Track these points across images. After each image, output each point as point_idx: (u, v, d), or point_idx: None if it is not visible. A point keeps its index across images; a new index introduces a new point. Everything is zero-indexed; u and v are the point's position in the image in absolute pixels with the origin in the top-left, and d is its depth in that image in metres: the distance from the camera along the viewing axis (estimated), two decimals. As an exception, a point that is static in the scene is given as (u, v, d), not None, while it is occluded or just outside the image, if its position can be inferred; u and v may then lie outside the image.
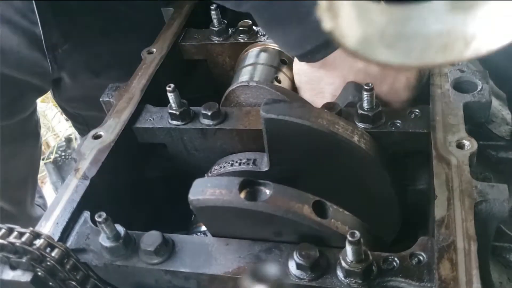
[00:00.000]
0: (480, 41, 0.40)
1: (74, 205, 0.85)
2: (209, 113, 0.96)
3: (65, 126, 3.28)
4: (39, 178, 1.98)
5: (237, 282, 0.75)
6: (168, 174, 1.11)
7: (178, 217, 1.07)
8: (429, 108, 0.90)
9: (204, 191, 0.73)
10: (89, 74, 1.57)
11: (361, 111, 0.89)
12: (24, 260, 0.75)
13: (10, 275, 0.76)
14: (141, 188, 1.08)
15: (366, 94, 0.87)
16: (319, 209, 0.73)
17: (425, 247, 0.72)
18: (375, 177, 0.88)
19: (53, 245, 0.76)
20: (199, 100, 1.03)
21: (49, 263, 0.74)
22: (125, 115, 1.01)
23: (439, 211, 0.74)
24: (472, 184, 0.76)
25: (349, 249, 0.68)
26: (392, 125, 0.89)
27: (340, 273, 0.71)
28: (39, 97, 1.66)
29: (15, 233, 0.76)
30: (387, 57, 0.41)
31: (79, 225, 0.84)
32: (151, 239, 0.77)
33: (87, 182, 0.88)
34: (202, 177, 0.81)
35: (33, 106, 1.65)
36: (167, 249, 0.78)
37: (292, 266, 0.73)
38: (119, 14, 1.53)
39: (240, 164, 0.96)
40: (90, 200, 0.87)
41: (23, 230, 0.76)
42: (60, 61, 1.49)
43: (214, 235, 0.81)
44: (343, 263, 0.69)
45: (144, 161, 1.09)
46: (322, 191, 0.76)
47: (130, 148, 1.01)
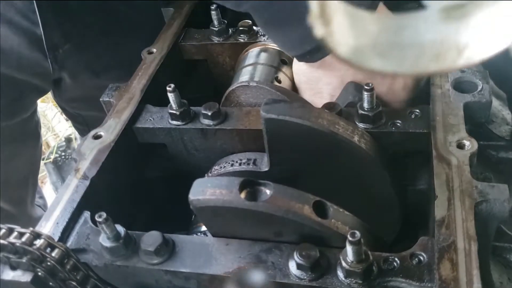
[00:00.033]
0: (472, 49, 0.40)
1: (74, 205, 0.85)
2: (209, 113, 0.96)
3: (65, 126, 3.28)
4: (39, 178, 1.98)
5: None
6: (168, 174, 1.11)
7: (178, 217, 1.07)
8: (429, 108, 0.90)
9: (205, 191, 0.73)
10: (89, 74, 1.57)
11: (362, 111, 0.89)
12: (24, 260, 0.75)
13: (10, 275, 0.76)
14: (141, 188, 1.08)
15: (366, 94, 0.87)
16: (320, 209, 0.73)
17: (425, 247, 0.72)
18: (375, 177, 0.88)
19: (53, 245, 0.76)
20: (199, 100, 1.03)
21: (49, 263, 0.74)
22: (125, 115, 1.01)
23: (440, 211, 0.74)
24: (472, 184, 0.76)
25: (349, 249, 0.68)
26: (392, 125, 0.89)
27: (340, 273, 0.71)
28: (39, 98, 1.66)
29: (15, 233, 0.76)
30: (380, 65, 0.41)
31: (79, 225, 0.84)
32: (151, 239, 0.77)
33: (87, 182, 0.88)
34: (202, 177, 0.81)
35: (33, 106, 1.64)
36: (167, 249, 0.78)
37: (292, 266, 0.73)
38: (120, 14, 1.53)
39: (240, 164, 0.96)
40: (90, 200, 0.87)
41: (23, 230, 0.76)
42: (60, 62, 1.49)
43: (214, 235, 0.81)
44: (344, 263, 0.69)
45: (144, 161, 1.09)
46: (323, 191, 0.76)
47: (130, 148, 1.01)
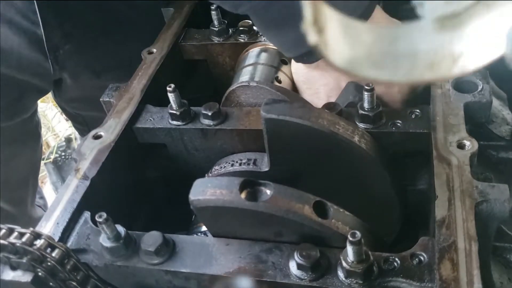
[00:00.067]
0: (467, 58, 0.40)
1: (75, 205, 0.85)
2: (210, 113, 0.96)
3: (65, 126, 3.28)
4: (39, 178, 1.98)
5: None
6: (168, 174, 1.11)
7: (179, 217, 1.07)
8: (429, 108, 0.90)
9: (205, 191, 0.73)
10: (90, 74, 1.57)
11: (362, 111, 0.89)
12: (24, 261, 0.75)
13: (10, 275, 0.76)
14: (141, 188, 1.08)
15: (366, 94, 0.87)
16: (320, 209, 0.73)
17: (426, 247, 0.72)
18: (375, 177, 0.88)
19: (53, 246, 0.76)
20: (199, 100, 1.03)
21: (49, 263, 0.74)
22: (125, 115, 1.01)
23: (440, 211, 0.74)
24: (472, 184, 0.76)
25: (350, 249, 0.68)
26: (392, 125, 0.89)
27: (340, 274, 0.71)
28: (40, 98, 1.65)
29: (15, 233, 0.76)
30: (374, 74, 0.42)
31: (80, 225, 0.84)
32: (151, 239, 0.77)
33: (87, 182, 0.88)
34: (202, 177, 0.81)
35: (34, 107, 1.64)
36: (167, 250, 0.78)
37: (292, 266, 0.72)
38: (120, 14, 1.53)
39: (240, 164, 0.96)
40: (91, 200, 0.87)
41: (23, 230, 0.76)
42: (61, 62, 1.49)
43: (215, 235, 0.81)
44: (344, 264, 0.69)
45: (144, 161, 1.09)
46: (323, 191, 0.76)
47: (130, 148, 1.01)
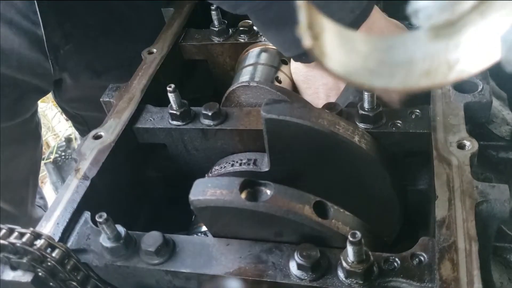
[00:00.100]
0: (463, 64, 0.40)
1: (75, 205, 0.85)
2: (210, 113, 0.96)
3: (65, 126, 3.28)
4: (39, 178, 1.98)
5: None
6: (168, 174, 1.11)
7: (179, 217, 1.07)
8: (429, 108, 0.90)
9: (205, 191, 0.73)
10: (90, 74, 1.57)
11: (362, 112, 0.89)
12: (24, 261, 0.75)
13: (10, 275, 0.76)
14: (141, 188, 1.08)
15: (366, 94, 0.87)
16: (320, 210, 0.73)
17: (426, 248, 0.72)
18: (375, 177, 0.88)
19: (53, 246, 0.76)
20: (199, 100, 1.03)
21: (49, 263, 0.74)
22: (125, 115, 1.01)
23: (440, 211, 0.74)
24: (473, 185, 0.76)
25: (350, 249, 0.68)
26: (392, 125, 0.89)
27: (341, 274, 0.71)
28: (40, 98, 1.65)
29: (15, 233, 0.76)
30: (370, 81, 0.42)
31: (80, 225, 0.84)
32: (151, 239, 0.77)
33: (87, 183, 0.88)
34: (202, 177, 0.81)
35: (34, 107, 1.64)
36: (167, 250, 0.78)
37: (293, 266, 0.72)
38: (120, 14, 1.53)
39: (240, 165, 0.96)
40: (91, 201, 0.87)
41: (23, 230, 0.76)
42: (61, 62, 1.49)
43: (215, 235, 0.81)
44: (344, 264, 0.69)
45: (145, 161, 1.09)
46: (323, 192, 0.76)
47: (130, 148, 1.01)
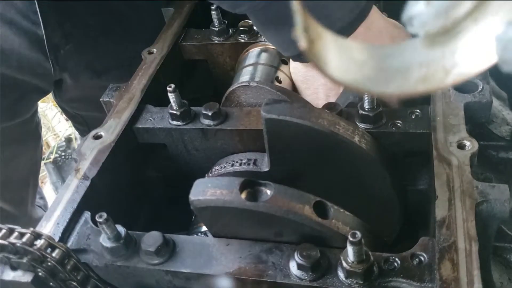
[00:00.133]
0: (459, 69, 0.40)
1: (75, 205, 0.85)
2: (210, 113, 0.96)
3: (65, 126, 3.28)
4: (39, 178, 1.98)
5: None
6: (168, 174, 1.11)
7: (179, 217, 1.07)
8: (429, 108, 0.90)
9: (205, 191, 0.73)
10: (90, 74, 1.57)
11: (362, 112, 0.89)
12: (24, 261, 0.75)
13: (10, 275, 0.76)
14: (141, 188, 1.08)
15: (366, 95, 0.87)
16: (320, 210, 0.73)
17: (426, 248, 0.72)
18: (375, 177, 0.88)
19: (53, 246, 0.76)
20: (199, 100, 1.03)
21: (49, 263, 0.74)
22: (125, 115, 1.01)
23: (440, 211, 0.74)
24: (473, 185, 0.76)
25: (350, 249, 0.68)
26: (392, 125, 0.89)
27: (341, 274, 0.71)
28: (40, 99, 1.65)
29: (15, 233, 0.76)
30: (366, 86, 0.42)
31: (80, 225, 0.84)
32: (151, 239, 0.77)
33: (87, 183, 0.88)
34: (202, 177, 0.81)
35: (34, 107, 1.64)
36: (167, 250, 0.78)
37: (293, 266, 0.72)
38: (120, 14, 1.53)
39: (240, 165, 0.96)
40: (91, 201, 0.87)
41: (23, 230, 0.76)
42: (61, 62, 1.49)
43: (215, 235, 0.81)
44: (344, 264, 0.69)
45: (145, 161, 1.09)
46: (323, 192, 0.76)
47: (130, 148, 1.01)
